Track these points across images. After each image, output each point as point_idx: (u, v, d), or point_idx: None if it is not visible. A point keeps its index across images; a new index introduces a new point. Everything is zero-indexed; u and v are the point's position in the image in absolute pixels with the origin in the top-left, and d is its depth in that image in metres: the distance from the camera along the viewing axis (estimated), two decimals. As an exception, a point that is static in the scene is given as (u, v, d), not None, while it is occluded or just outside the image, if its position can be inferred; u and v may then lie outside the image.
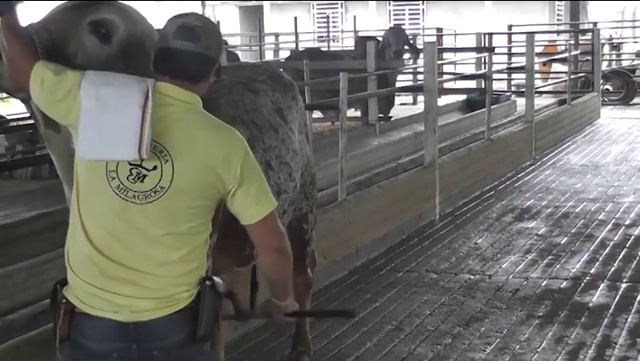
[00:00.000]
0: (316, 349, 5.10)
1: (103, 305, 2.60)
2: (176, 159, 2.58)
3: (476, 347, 5.29)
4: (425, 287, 6.48)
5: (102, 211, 2.59)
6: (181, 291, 2.64)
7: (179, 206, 2.60)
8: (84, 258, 2.62)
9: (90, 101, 2.52)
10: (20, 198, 8.93)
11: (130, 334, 2.60)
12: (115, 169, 2.57)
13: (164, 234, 2.61)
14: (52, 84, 2.60)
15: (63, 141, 2.96)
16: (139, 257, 2.60)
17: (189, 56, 2.63)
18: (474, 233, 8.13)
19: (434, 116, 8.81)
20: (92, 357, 2.63)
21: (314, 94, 13.34)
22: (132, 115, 2.49)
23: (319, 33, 27.26)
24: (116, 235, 2.59)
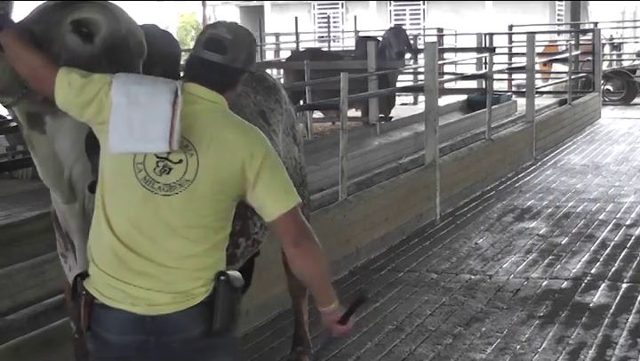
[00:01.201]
0: (317, 349, 5.09)
1: (121, 297, 2.64)
2: (201, 154, 2.65)
3: (477, 347, 5.29)
4: (425, 287, 6.48)
5: (127, 202, 2.65)
6: (198, 286, 2.67)
7: (202, 200, 2.65)
8: (106, 249, 2.67)
9: (121, 98, 2.59)
10: (20, 198, 8.92)
11: (147, 327, 2.64)
12: (142, 161, 2.63)
13: (187, 226, 2.65)
14: (79, 86, 2.65)
15: (47, 143, 2.96)
16: (160, 249, 2.65)
17: (216, 67, 2.72)
18: (474, 233, 8.13)
19: (434, 116, 8.80)
20: (111, 349, 2.67)
21: (314, 94, 13.36)
22: (162, 110, 2.57)
23: (320, 33, 27.26)
24: (140, 226, 2.64)
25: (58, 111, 2.86)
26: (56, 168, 2.98)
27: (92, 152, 2.97)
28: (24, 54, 2.72)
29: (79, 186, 3.02)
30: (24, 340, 4.20)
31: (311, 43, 24.85)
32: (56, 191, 3.05)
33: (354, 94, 8.92)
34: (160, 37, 3.31)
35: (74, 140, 2.95)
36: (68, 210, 3.06)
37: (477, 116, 14.16)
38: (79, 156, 2.98)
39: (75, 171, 2.99)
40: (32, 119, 2.90)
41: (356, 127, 14.01)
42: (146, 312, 2.64)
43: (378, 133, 13.90)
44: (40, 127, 2.93)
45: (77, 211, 3.06)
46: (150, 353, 2.67)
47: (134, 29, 3.03)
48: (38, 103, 2.86)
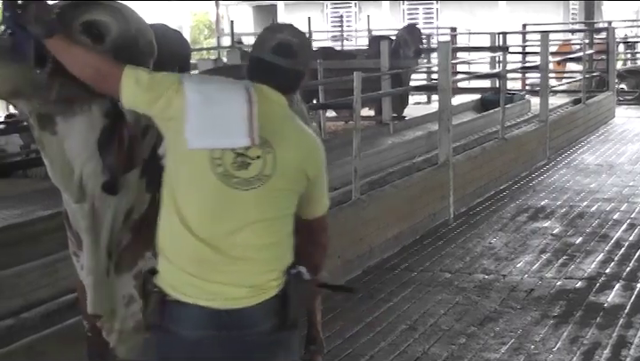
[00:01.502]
0: (330, 349, 5.08)
1: (197, 293, 2.66)
2: (277, 150, 2.72)
3: (491, 347, 5.27)
4: (439, 287, 6.46)
5: (203, 197, 2.67)
6: (272, 278, 2.73)
7: (277, 195, 2.73)
8: (181, 246, 2.69)
9: (195, 95, 2.63)
10: (33, 197, 8.92)
11: (222, 321, 2.68)
12: (220, 156, 2.66)
13: (262, 220, 2.71)
14: (147, 82, 2.67)
15: (57, 144, 2.95)
16: (237, 243, 2.69)
17: (285, 71, 2.79)
18: (488, 233, 8.10)
19: (448, 116, 8.78)
20: (182, 344, 2.69)
21: (327, 93, 13.35)
22: (239, 106, 2.64)
23: (333, 32, 27.25)
24: (216, 220, 2.68)
25: (68, 112, 2.87)
26: (66, 168, 2.98)
27: (105, 152, 2.97)
28: (84, 55, 2.73)
29: (89, 186, 3.01)
30: (37, 338, 4.21)
31: (324, 42, 24.83)
32: (66, 191, 3.04)
33: (367, 93, 8.89)
34: (170, 37, 3.32)
35: (84, 141, 2.95)
36: (78, 209, 3.06)
37: (491, 116, 14.10)
38: (90, 157, 2.97)
39: (85, 171, 2.99)
40: (43, 120, 2.89)
41: (370, 126, 14.00)
42: (222, 306, 2.67)
43: (391, 132, 13.87)
44: (51, 128, 2.92)
45: (87, 210, 3.06)
46: (222, 347, 2.70)
47: (144, 29, 3.03)
48: (50, 104, 2.85)
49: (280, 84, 2.80)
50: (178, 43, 3.46)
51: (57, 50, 2.72)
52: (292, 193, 2.78)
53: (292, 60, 2.79)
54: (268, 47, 2.79)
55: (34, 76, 2.74)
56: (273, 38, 2.81)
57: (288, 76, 2.81)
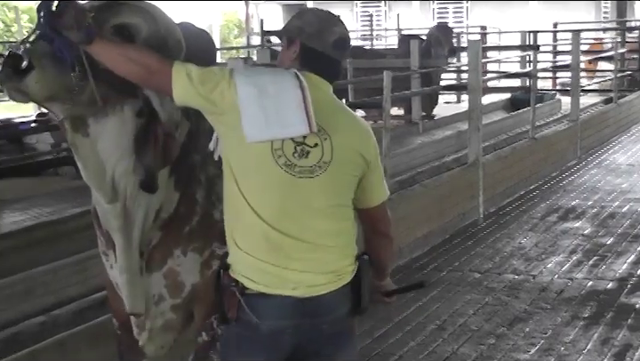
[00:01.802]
0: (360, 348, 5.07)
1: (278, 282, 2.70)
2: (333, 137, 2.75)
3: (521, 347, 5.24)
4: (468, 287, 6.45)
5: (271, 188, 2.70)
6: (347, 264, 2.79)
7: (339, 180, 2.77)
8: (257, 237, 2.71)
9: (248, 89, 2.67)
10: (64, 195, 9.01)
11: (303, 310, 2.72)
12: (280, 147, 2.70)
13: (330, 205, 2.75)
14: (199, 77, 2.70)
15: (89, 145, 2.96)
16: (310, 230, 2.73)
17: (336, 64, 2.89)
18: (518, 233, 8.07)
19: (478, 115, 8.75)
20: (264, 336, 2.73)
21: (357, 93, 13.34)
22: (293, 96, 2.67)
23: (362, 31, 27.21)
24: (287, 210, 2.71)
25: (100, 114, 2.88)
26: (99, 169, 2.99)
27: (142, 151, 2.98)
28: (130, 54, 2.74)
29: (121, 186, 3.03)
30: (69, 335, 4.24)
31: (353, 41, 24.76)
32: (99, 192, 3.05)
33: (396, 92, 8.88)
34: (196, 35, 3.33)
35: (116, 141, 2.96)
36: (110, 210, 3.07)
37: (521, 115, 14.03)
38: (121, 157, 2.99)
39: (117, 171, 3.00)
40: (76, 122, 2.91)
41: (399, 125, 13.97)
42: (304, 295, 2.71)
43: (420, 132, 13.85)
44: (83, 130, 2.93)
45: (119, 211, 3.07)
46: (302, 336, 2.75)
47: (172, 28, 3.04)
48: (82, 106, 2.86)
49: (331, 75, 2.86)
50: (204, 41, 3.47)
51: (99, 52, 2.73)
52: (353, 178, 2.81)
53: (345, 53, 2.91)
54: (330, 41, 2.85)
55: (69, 80, 2.76)
56: (332, 32, 2.87)
57: (338, 69, 2.91)
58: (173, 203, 3.14)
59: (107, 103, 2.87)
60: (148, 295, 3.20)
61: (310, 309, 2.73)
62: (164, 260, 3.18)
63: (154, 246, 3.16)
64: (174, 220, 3.15)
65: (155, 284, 3.20)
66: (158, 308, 3.23)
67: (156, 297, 3.22)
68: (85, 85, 2.78)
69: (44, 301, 5.56)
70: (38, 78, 2.71)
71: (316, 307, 2.73)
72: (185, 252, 3.17)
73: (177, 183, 3.12)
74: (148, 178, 2.98)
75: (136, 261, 3.12)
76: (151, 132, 2.97)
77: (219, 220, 3.03)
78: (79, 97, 2.81)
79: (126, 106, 2.89)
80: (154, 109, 2.92)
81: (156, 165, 3.01)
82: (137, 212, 3.07)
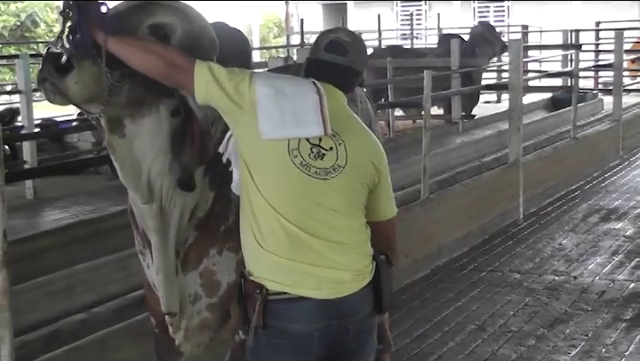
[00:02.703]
0: (398, 348, 5.07)
1: (305, 281, 2.70)
2: (347, 143, 2.79)
3: (561, 349, 5.20)
4: (508, 287, 6.40)
5: (287, 187, 2.73)
6: (367, 264, 2.80)
7: (352, 185, 2.79)
8: (280, 235, 2.72)
9: (267, 89, 2.71)
10: (105, 193, 9.09)
11: (331, 312, 2.72)
12: (297, 147, 2.73)
13: (346, 205, 2.78)
14: (222, 75, 2.73)
15: (126, 146, 2.97)
16: (328, 228, 2.74)
17: (338, 68, 2.88)
18: (558, 233, 8.00)
19: (518, 115, 8.70)
20: (294, 340, 2.73)
21: (396, 92, 13.32)
22: (310, 99, 2.72)
23: (402, 30, 27.15)
24: (304, 209, 2.73)
25: (137, 114, 2.89)
26: (135, 169, 3.00)
27: (180, 150, 3.00)
28: (154, 48, 2.76)
29: (157, 186, 3.03)
30: (109, 332, 4.27)
31: (394, 40, 24.77)
32: (136, 192, 3.06)
33: (437, 92, 8.85)
34: (231, 35, 3.32)
35: (152, 141, 2.97)
36: (146, 210, 3.08)
37: (562, 115, 13.93)
38: (157, 156, 2.99)
39: (153, 171, 3.01)
40: (112, 123, 2.92)
41: (439, 125, 13.93)
42: (330, 295, 2.71)
43: (460, 131, 13.80)
44: (120, 131, 2.94)
45: (155, 211, 3.07)
46: (329, 338, 2.75)
47: (206, 27, 3.05)
48: (119, 107, 2.87)
49: (336, 81, 2.87)
50: (239, 41, 3.47)
51: (123, 46, 2.74)
52: (365, 186, 2.82)
53: (343, 57, 2.87)
54: (321, 47, 2.90)
55: (105, 80, 2.77)
56: (325, 38, 2.92)
57: (342, 74, 2.89)
58: (208, 202, 3.14)
59: (143, 103, 2.88)
60: (184, 294, 3.20)
61: (337, 311, 2.73)
62: (200, 259, 3.19)
63: (189, 245, 3.17)
64: (210, 220, 3.15)
65: (190, 284, 3.21)
66: (194, 307, 3.24)
67: (191, 296, 3.23)
68: (122, 86, 2.79)
69: (84, 299, 5.61)
70: (78, 79, 2.72)
71: (342, 308, 2.73)
72: (221, 251, 3.18)
73: (212, 182, 3.12)
74: (185, 177, 2.99)
75: (172, 261, 3.13)
76: (188, 130, 2.98)
77: None
78: (116, 98, 2.82)
79: (162, 106, 2.89)
80: (190, 108, 2.92)
81: (193, 164, 3.02)
82: (173, 211, 3.07)
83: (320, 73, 2.86)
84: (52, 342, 4.48)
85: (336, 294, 2.72)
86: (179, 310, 3.19)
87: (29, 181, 9.79)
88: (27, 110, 10.21)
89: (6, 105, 13.50)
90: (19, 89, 10.51)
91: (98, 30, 2.72)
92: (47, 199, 9.89)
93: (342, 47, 2.89)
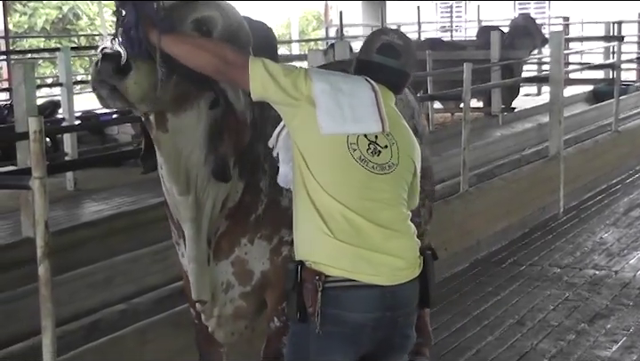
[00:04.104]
0: (437, 342, 5.06)
1: (364, 266, 2.74)
2: (398, 142, 2.87)
3: (602, 344, 5.15)
4: (548, 282, 6.36)
5: (347, 179, 2.78)
6: (418, 255, 2.87)
7: (401, 182, 2.88)
8: (341, 221, 2.76)
9: (324, 85, 2.78)
10: (145, 185, 9.13)
11: (387, 302, 2.76)
12: (355, 142, 2.80)
13: (395, 199, 2.85)
14: (278, 71, 2.79)
15: (169, 140, 3.00)
16: (385, 217, 2.80)
17: (390, 71, 2.94)
18: (599, 227, 7.93)
19: (559, 108, 8.63)
20: (348, 329, 2.76)
21: (436, 85, 13.26)
22: (367, 96, 2.81)
23: (442, 23, 27.02)
24: (364, 199, 2.78)
25: (180, 109, 2.92)
26: (176, 162, 3.04)
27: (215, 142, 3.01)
28: (207, 45, 2.80)
29: (193, 177, 3.07)
30: (149, 323, 4.30)
31: (433, 33, 24.65)
32: (175, 185, 3.10)
33: (476, 85, 8.80)
34: (257, 28, 3.33)
35: (191, 135, 3.01)
36: (181, 201, 3.11)
37: (604, 108, 13.78)
38: (193, 149, 3.03)
39: (190, 163, 3.05)
40: (158, 119, 2.96)
41: (478, 118, 13.85)
42: (387, 281, 2.75)
43: (500, 124, 13.72)
44: (164, 126, 2.98)
45: (191, 202, 3.11)
46: (382, 329, 2.79)
47: (242, 22, 3.10)
48: (166, 103, 2.90)
49: (387, 84, 2.92)
50: (265, 33, 3.50)
51: (176, 44, 2.77)
52: (408, 184, 2.91)
53: (396, 60, 2.94)
54: (373, 48, 2.96)
55: (157, 78, 2.79)
56: (378, 40, 2.98)
57: (394, 77, 2.95)
58: (239, 192, 3.17)
59: (186, 98, 2.91)
60: (216, 283, 3.23)
61: (391, 302, 2.77)
62: (232, 248, 3.22)
63: (221, 235, 3.20)
64: (240, 209, 3.18)
65: (222, 272, 3.24)
66: (227, 295, 3.27)
67: (224, 285, 3.25)
68: (170, 83, 2.81)
69: (124, 290, 5.65)
70: (137, 79, 2.74)
71: (397, 298, 2.78)
72: (252, 240, 3.20)
73: (241, 173, 3.15)
74: (221, 167, 3.01)
75: (204, 250, 3.16)
76: (225, 122, 3.00)
77: (287, 207, 3.09)
78: (164, 94, 2.85)
79: (203, 100, 2.92)
80: (228, 100, 2.95)
81: (228, 155, 3.04)
82: (206, 202, 3.11)
83: (371, 74, 2.91)
84: (92, 333, 4.52)
85: (394, 281, 2.76)
86: (210, 298, 3.22)
87: (70, 173, 9.89)
88: (67, 103, 10.30)
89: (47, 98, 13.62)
90: (60, 82, 10.61)
91: (152, 29, 2.75)
92: (87, 191, 9.99)
93: (395, 50, 2.95)
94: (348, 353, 2.78)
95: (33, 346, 4.07)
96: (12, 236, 7.52)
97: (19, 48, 21.58)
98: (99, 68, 2.74)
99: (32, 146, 3.46)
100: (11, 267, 5.90)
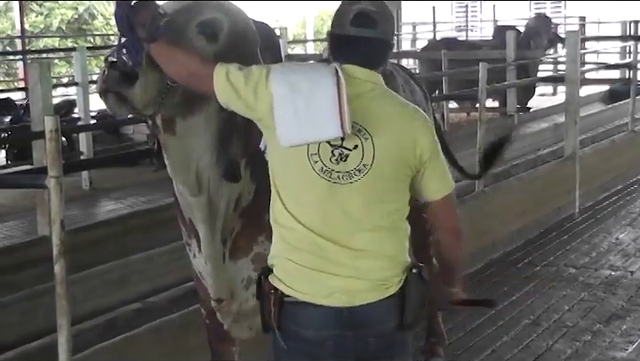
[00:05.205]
0: (452, 341, 5.05)
1: (316, 289, 2.58)
2: (375, 137, 2.58)
3: (617, 345, 5.13)
4: (563, 282, 6.33)
5: (308, 195, 2.59)
6: (392, 275, 2.62)
7: (383, 183, 2.60)
8: (298, 242, 2.60)
9: (282, 88, 2.53)
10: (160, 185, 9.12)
11: (344, 321, 2.59)
12: (316, 152, 2.57)
13: (369, 212, 2.60)
14: (236, 78, 2.60)
15: (178, 143, 3.02)
16: (352, 236, 2.59)
17: (369, 42, 2.64)
18: (615, 228, 7.89)
19: (575, 108, 8.60)
20: (306, 345, 2.62)
21: (451, 84, 13.23)
22: (327, 94, 2.50)
23: (457, 22, 26.97)
24: (327, 217, 2.58)
25: (187, 113, 2.94)
26: (185, 165, 3.06)
27: (225, 143, 3.02)
28: (181, 57, 2.71)
29: (205, 178, 3.09)
30: (165, 321, 4.31)
31: (448, 32, 24.61)
32: (185, 186, 3.11)
33: (492, 84, 8.78)
34: (259, 28, 3.33)
35: (201, 137, 3.03)
36: (194, 202, 3.13)
37: (620, 108, 13.72)
38: (204, 150, 3.05)
39: (201, 164, 3.07)
40: (166, 123, 2.97)
41: (494, 118, 13.82)
42: (343, 304, 2.58)
43: (515, 124, 13.66)
44: (172, 130, 2.99)
45: (203, 203, 3.12)
46: (346, 349, 2.61)
47: (249, 23, 3.10)
48: (172, 107, 2.91)
49: (368, 56, 2.65)
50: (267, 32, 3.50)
51: (158, 54, 2.72)
52: (403, 178, 2.64)
53: (373, 29, 2.63)
54: (347, 20, 2.64)
55: (163, 82, 2.80)
56: (350, 11, 2.65)
57: (373, 48, 2.65)
58: (251, 193, 3.19)
59: (195, 102, 2.92)
60: (236, 280, 3.25)
61: (352, 320, 2.58)
62: (250, 246, 3.24)
63: (237, 234, 3.22)
64: (254, 209, 3.19)
65: (243, 269, 3.26)
66: (248, 291, 3.27)
67: (244, 281, 3.27)
68: (177, 88, 2.82)
69: (139, 288, 5.67)
70: (143, 86, 2.77)
71: (359, 318, 2.58)
72: (269, 236, 3.21)
73: (252, 174, 3.16)
74: (232, 168, 3.02)
75: (219, 250, 3.19)
76: (235, 123, 2.99)
77: None
78: (171, 99, 2.86)
79: (213, 103, 2.92)
80: None
81: (239, 155, 3.04)
82: (220, 202, 3.14)
83: (348, 50, 2.64)
84: (107, 331, 4.53)
85: (351, 303, 2.57)
86: (229, 296, 3.23)
87: (85, 173, 9.92)
88: (83, 102, 10.36)
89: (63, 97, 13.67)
90: (75, 81, 10.65)
91: (143, 36, 2.71)
92: (103, 190, 10.01)
93: (371, 19, 2.63)
94: None
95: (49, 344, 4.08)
96: (27, 235, 7.56)
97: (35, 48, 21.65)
98: (105, 76, 2.77)
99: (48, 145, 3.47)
100: (27, 265, 5.93)
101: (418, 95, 4.65)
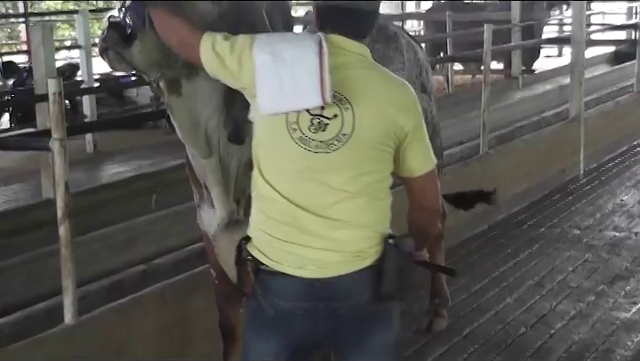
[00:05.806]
0: (456, 303, 5.06)
1: (290, 260, 2.55)
2: (356, 107, 2.55)
3: (621, 306, 5.14)
4: (568, 243, 6.34)
5: (285, 164, 2.56)
6: (367, 246, 2.58)
7: (361, 154, 2.56)
8: (272, 212, 2.58)
9: (265, 57, 2.51)
10: (164, 148, 9.14)
11: (316, 293, 2.56)
12: (295, 120, 2.54)
13: (348, 182, 2.56)
14: (222, 48, 2.59)
15: (183, 105, 3.02)
16: (329, 206, 2.55)
17: (354, 13, 2.62)
18: (620, 189, 7.89)
19: (580, 69, 8.55)
20: (275, 315, 2.60)
21: (456, 46, 13.17)
22: (310, 63, 2.48)
23: (462, -16, 26.77)
24: (304, 187, 2.56)
25: (192, 73, 2.93)
26: (193, 126, 3.07)
27: (231, 105, 3.01)
28: (174, 23, 2.71)
29: (214, 140, 3.10)
30: (169, 284, 4.32)
31: (453, -7, 24.42)
32: (195, 148, 3.12)
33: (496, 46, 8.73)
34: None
35: (207, 98, 3.03)
36: (206, 164, 3.14)
37: (626, 69, 13.66)
38: (212, 112, 3.06)
39: (209, 126, 3.07)
40: (170, 84, 2.98)
41: (498, 80, 13.77)
42: (315, 275, 2.54)
43: (520, 86, 13.63)
44: (177, 91, 3.00)
45: (215, 164, 3.14)
46: (318, 320, 2.58)
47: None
48: (177, 69, 2.92)
49: (352, 28, 2.61)
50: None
51: (157, 18, 2.73)
52: (384, 149, 2.59)
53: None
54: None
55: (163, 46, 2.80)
56: None
57: (359, 17, 2.62)
58: None
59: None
60: None
61: (324, 292, 2.55)
62: None
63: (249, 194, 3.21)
64: None
65: None
66: None
67: None
68: None
69: (144, 251, 5.68)
70: (142, 48, 2.80)
71: (331, 289, 2.55)
72: None
73: None
74: (236, 130, 3.02)
75: (233, 210, 3.21)
76: None
77: None
78: (174, 61, 2.88)
79: None
80: None
81: (243, 118, 3.03)
82: (231, 164, 3.16)
83: (334, 19, 2.61)
84: (113, 293, 4.55)
85: (323, 274, 2.54)
86: None
87: (89, 136, 9.91)
88: (86, 65, 10.32)
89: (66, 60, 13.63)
90: (78, 44, 10.62)
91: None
92: (107, 153, 10.02)
93: None
94: (274, 338, 2.62)
95: (54, 306, 4.10)
96: (32, 198, 7.58)
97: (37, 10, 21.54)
98: (104, 35, 2.81)
99: (51, 108, 3.47)
100: (32, 228, 5.95)
101: (421, 54, 4.64)
